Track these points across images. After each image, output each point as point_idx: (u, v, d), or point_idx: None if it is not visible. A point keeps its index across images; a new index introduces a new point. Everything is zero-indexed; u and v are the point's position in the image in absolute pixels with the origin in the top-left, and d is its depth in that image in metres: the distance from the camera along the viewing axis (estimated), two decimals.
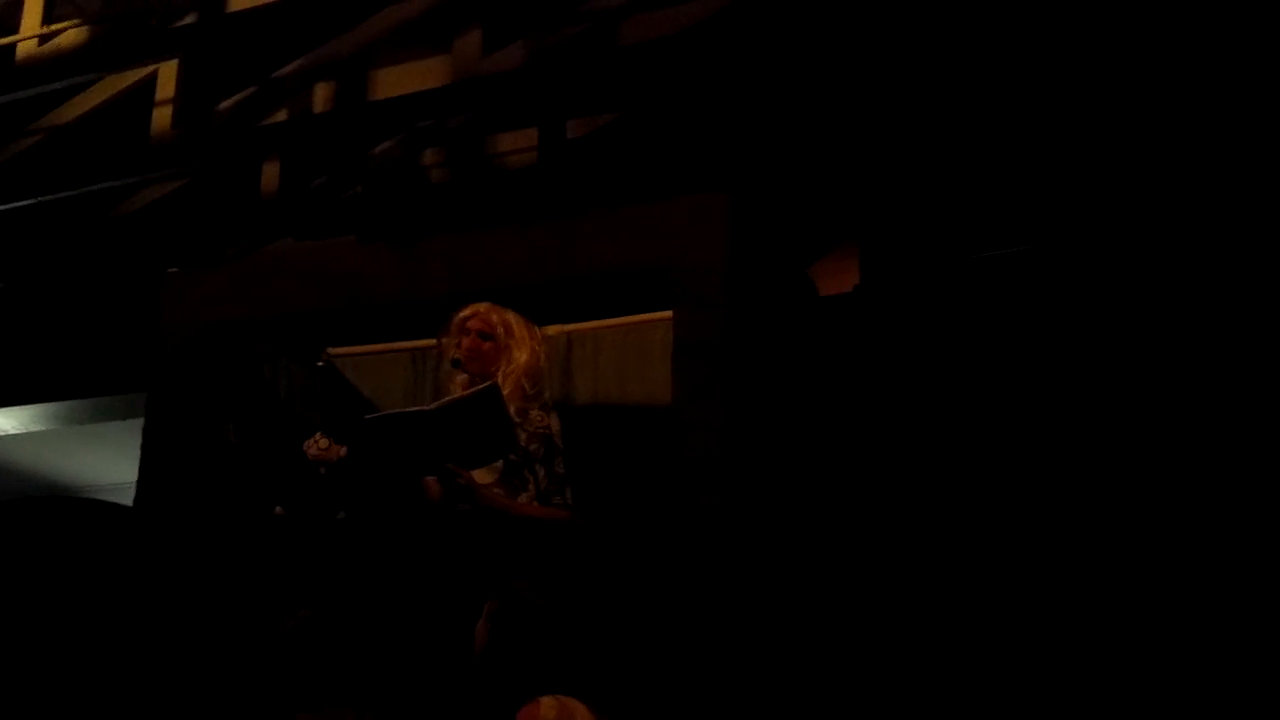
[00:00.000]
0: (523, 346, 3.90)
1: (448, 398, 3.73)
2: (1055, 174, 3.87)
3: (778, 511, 3.52)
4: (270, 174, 4.81)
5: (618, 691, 3.48)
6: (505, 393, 3.74)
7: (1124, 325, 3.67)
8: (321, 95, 4.82)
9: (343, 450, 3.85)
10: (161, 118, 4.94)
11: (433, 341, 4.33)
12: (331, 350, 4.58)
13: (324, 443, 3.88)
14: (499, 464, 3.76)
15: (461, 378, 3.87)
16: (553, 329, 4.29)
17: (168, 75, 4.96)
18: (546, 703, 3.22)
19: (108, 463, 6.38)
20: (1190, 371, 3.56)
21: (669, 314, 3.61)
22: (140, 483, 4.05)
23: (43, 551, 5.55)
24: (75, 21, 4.91)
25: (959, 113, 3.99)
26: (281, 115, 4.84)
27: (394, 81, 4.69)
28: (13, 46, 5.05)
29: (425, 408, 3.66)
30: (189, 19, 4.78)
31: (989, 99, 3.96)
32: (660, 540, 3.35)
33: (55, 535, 5.61)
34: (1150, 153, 3.76)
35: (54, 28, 4.96)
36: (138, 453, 4.10)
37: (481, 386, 3.62)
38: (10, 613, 5.11)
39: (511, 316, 3.91)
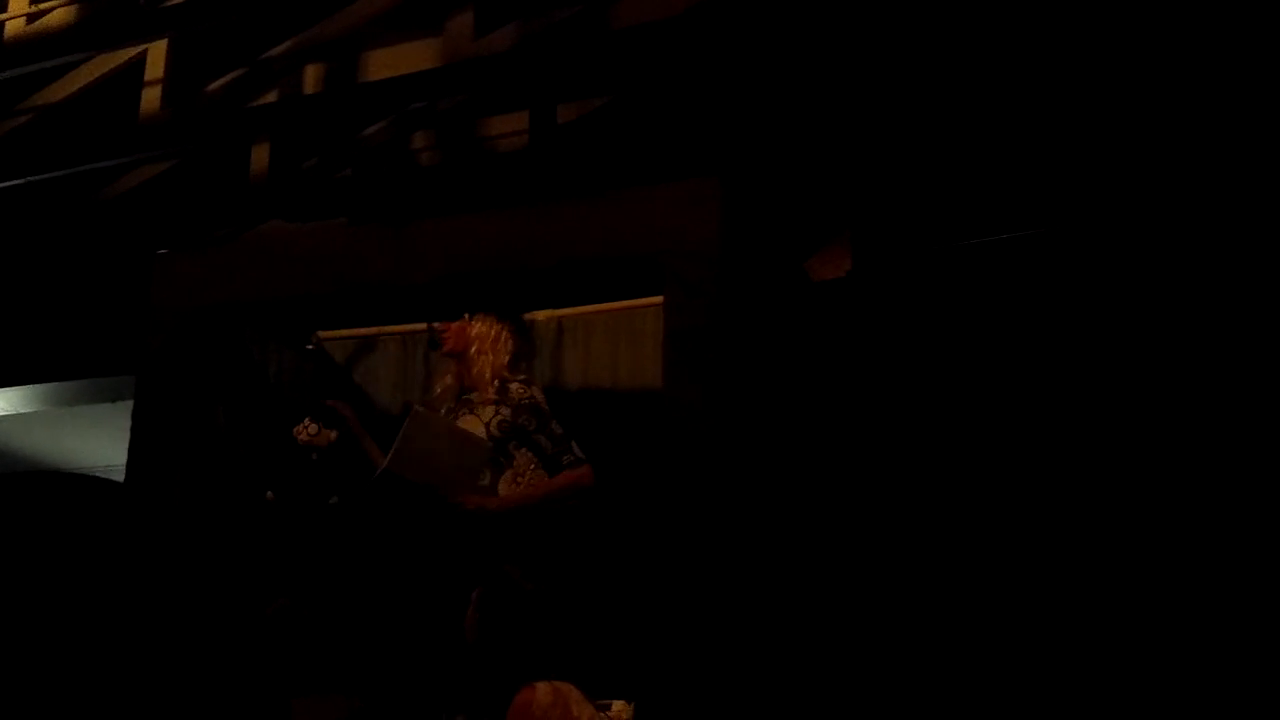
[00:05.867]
0: (484, 320, 3.96)
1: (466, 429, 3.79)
2: (1050, 160, 3.86)
3: (767, 496, 3.52)
4: (260, 156, 4.80)
5: (611, 675, 3.50)
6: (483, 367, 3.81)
7: (1116, 310, 3.67)
8: (312, 77, 4.80)
9: (333, 435, 3.86)
10: (151, 98, 4.91)
11: (423, 326, 4.33)
12: (322, 333, 4.57)
13: (314, 428, 3.88)
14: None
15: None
16: (544, 314, 4.29)
17: (157, 55, 4.94)
18: (541, 688, 3.24)
19: (97, 444, 6.35)
20: (1183, 355, 3.56)
21: (660, 299, 3.61)
22: (130, 465, 4.04)
23: (32, 526, 5.55)
24: (63, 0, 4.88)
25: (952, 98, 3.98)
26: (272, 96, 4.83)
27: (385, 63, 4.67)
28: (1, 25, 5.02)
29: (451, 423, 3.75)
30: None
31: (982, 83, 3.95)
32: (650, 524, 3.35)
33: (45, 509, 5.62)
34: (1141, 139, 3.75)
35: (42, 6, 4.93)
36: (127, 435, 4.08)
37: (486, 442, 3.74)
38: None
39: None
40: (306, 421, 3.88)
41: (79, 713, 4.40)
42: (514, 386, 3.86)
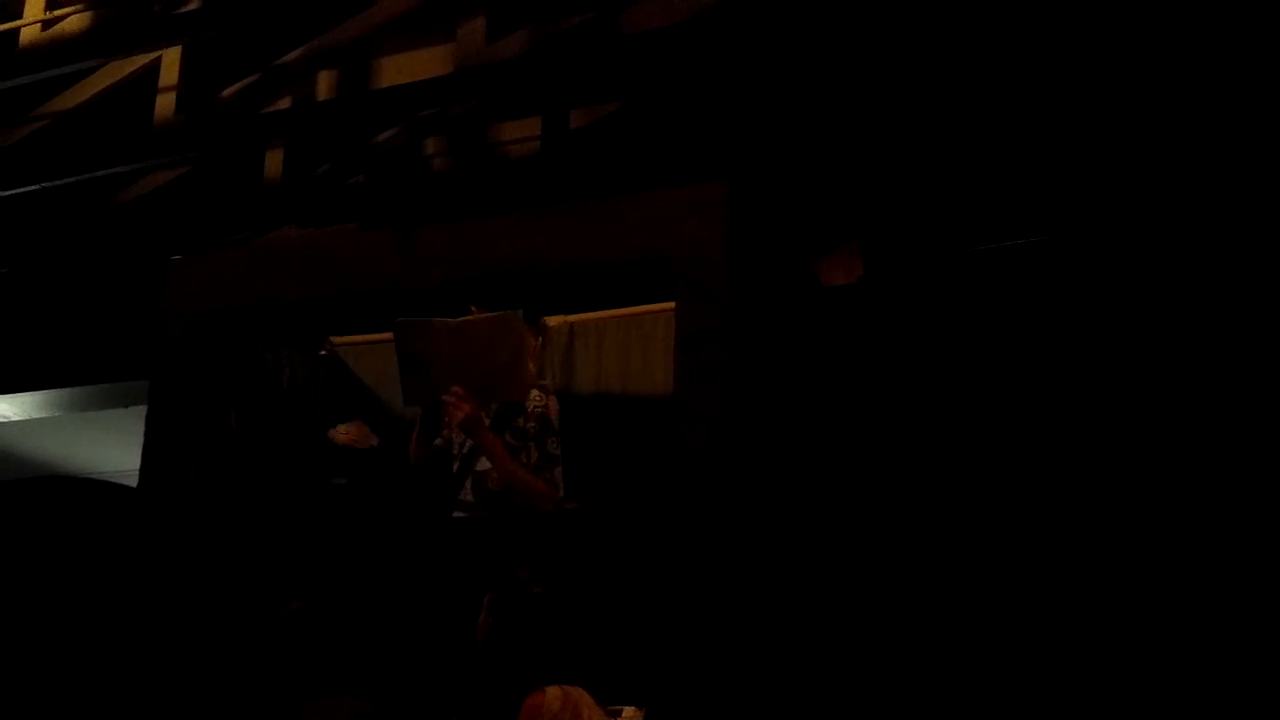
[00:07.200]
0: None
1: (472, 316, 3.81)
2: (1063, 166, 3.85)
3: (778, 503, 3.52)
4: (273, 161, 4.81)
5: (622, 681, 3.49)
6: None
7: (1127, 316, 3.66)
8: (324, 83, 4.81)
9: (374, 440, 3.90)
10: (164, 104, 4.93)
11: None
12: (334, 339, 4.58)
13: (353, 430, 3.92)
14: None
15: None
16: (555, 319, 4.30)
17: (171, 62, 4.95)
18: (551, 692, 3.24)
19: (110, 450, 6.38)
20: (1194, 360, 3.55)
21: (672, 305, 3.61)
22: (142, 470, 4.05)
23: (44, 531, 5.56)
24: (78, 7, 4.89)
25: (962, 102, 3.98)
26: (284, 102, 4.83)
27: (397, 69, 4.68)
28: (16, 32, 5.03)
29: (451, 321, 3.75)
30: (192, 5, 4.76)
31: (993, 88, 3.95)
32: (661, 530, 3.35)
33: (57, 514, 5.63)
34: (1152, 145, 3.75)
35: (57, 13, 4.93)
36: (140, 440, 4.10)
37: (504, 313, 3.75)
38: (11, 591, 5.12)
39: None
40: (345, 425, 3.93)
41: (91, 717, 4.41)
42: (532, 393, 3.87)
